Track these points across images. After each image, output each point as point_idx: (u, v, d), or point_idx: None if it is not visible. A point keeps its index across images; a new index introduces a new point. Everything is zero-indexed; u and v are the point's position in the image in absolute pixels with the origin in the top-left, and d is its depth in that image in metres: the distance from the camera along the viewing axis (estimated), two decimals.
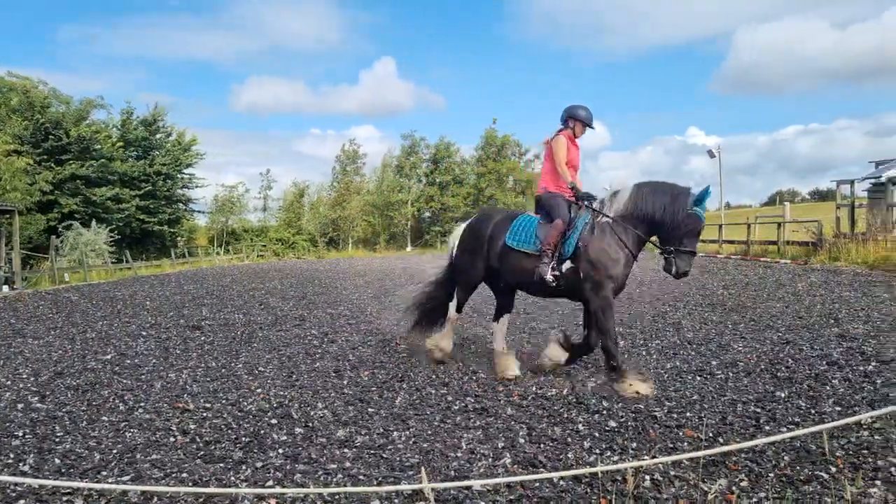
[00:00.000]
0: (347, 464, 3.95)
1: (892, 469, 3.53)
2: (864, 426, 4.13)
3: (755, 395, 5.07)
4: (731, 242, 23.51)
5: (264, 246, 45.32)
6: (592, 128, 5.94)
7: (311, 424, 4.72)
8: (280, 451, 4.20)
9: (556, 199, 5.69)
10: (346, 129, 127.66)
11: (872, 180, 17.12)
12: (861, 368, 5.68)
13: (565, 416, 4.71)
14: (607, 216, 5.41)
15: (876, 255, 14.76)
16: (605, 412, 4.75)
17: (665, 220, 5.22)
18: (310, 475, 3.79)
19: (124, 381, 6.21)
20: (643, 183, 5.42)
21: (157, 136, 41.23)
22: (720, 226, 25.27)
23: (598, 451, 4.02)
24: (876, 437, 3.98)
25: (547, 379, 5.75)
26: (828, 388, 5.16)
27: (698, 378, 5.64)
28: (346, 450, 4.19)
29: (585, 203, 5.57)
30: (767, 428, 4.29)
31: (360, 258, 38.11)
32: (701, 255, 23.14)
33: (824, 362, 5.97)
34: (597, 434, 4.31)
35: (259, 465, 3.98)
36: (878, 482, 3.38)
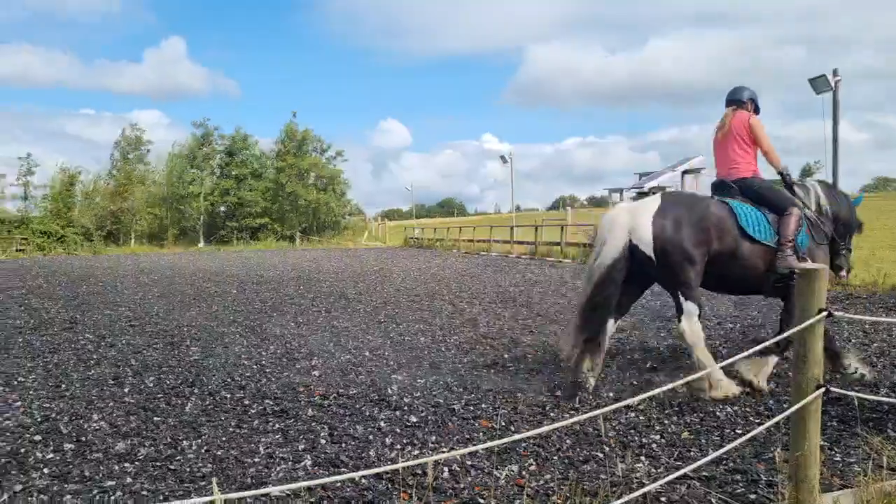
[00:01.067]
0: (128, 479, 3.53)
1: (654, 445, 4.01)
2: (632, 408, 4.65)
3: (542, 384, 5.47)
4: (521, 243, 25.38)
5: (25, 239, 39.41)
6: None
7: (83, 439, 4.16)
8: (45, 470, 3.64)
9: (777, 188, 5.21)
10: (127, 111, 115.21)
11: (637, 189, 19.60)
12: (630, 356, 6.41)
13: (367, 413, 4.68)
14: (810, 209, 5.20)
15: None
16: (406, 408, 4.80)
17: (849, 219, 5.24)
18: (82, 495, 3.33)
19: None
20: (820, 181, 5.44)
21: None
22: (511, 227, 27.18)
23: (399, 447, 4.04)
24: (641, 418, 4.50)
25: (348, 378, 5.69)
26: (603, 375, 5.74)
27: (492, 371, 5.96)
28: (126, 464, 3.75)
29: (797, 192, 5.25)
30: (552, 415, 4.65)
31: (145, 254, 34.81)
32: (494, 254, 24.71)
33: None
34: (398, 430, 4.33)
35: (18, 488, 3.40)
36: (642, 458, 3.81)
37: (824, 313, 2.97)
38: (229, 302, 11.08)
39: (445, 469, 3.66)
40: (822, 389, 2.95)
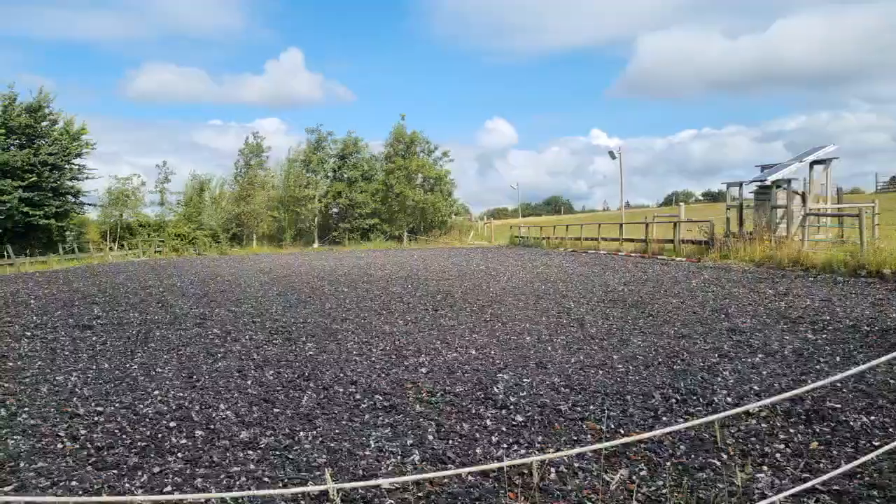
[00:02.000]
0: (251, 466, 3.80)
1: (777, 455, 3.77)
2: (752, 415, 4.40)
3: (653, 386, 5.29)
4: (631, 241, 24.60)
5: (162, 242, 43.09)
6: None
7: (212, 427, 4.50)
8: (179, 455, 3.98)
9: None
10: (249, 120, 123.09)
11: (758, 183, 18.35)
12: (749, 360, 6.06)
13: (473, 411, 4.73)
14: None
15: (762, 253, 15.90)
16: (511, 407, 4.81)
17: None
18: (211, 479, 3.61)
19: (5, 384, 5.69)
20: None
21: (43, 123, 38.27)
22: (621, 224, 26.41)
23: (505, 445, 4.05)
24: (763, 426, 4.25)
25: (454, 376, 5.77)
26: (719, 379, 5.47)
27: (601, 372, 5.83)
28: (250, 452, 4.02)
29: None
30: (665, 419, 4.48)
31: (265, 255, 37.00)
32: (603, 252, 24.12)
33: (716, 355, 6.33)
34: (504, 429, 4.35)
35: (156, 470, 3.75)
36: (764, 468, 3.59)
37: None
38: (341, 300, 11.56)
39: (552, 470, 3.63)
40: None
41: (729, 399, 4.89)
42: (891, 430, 4.08)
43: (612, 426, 4.36)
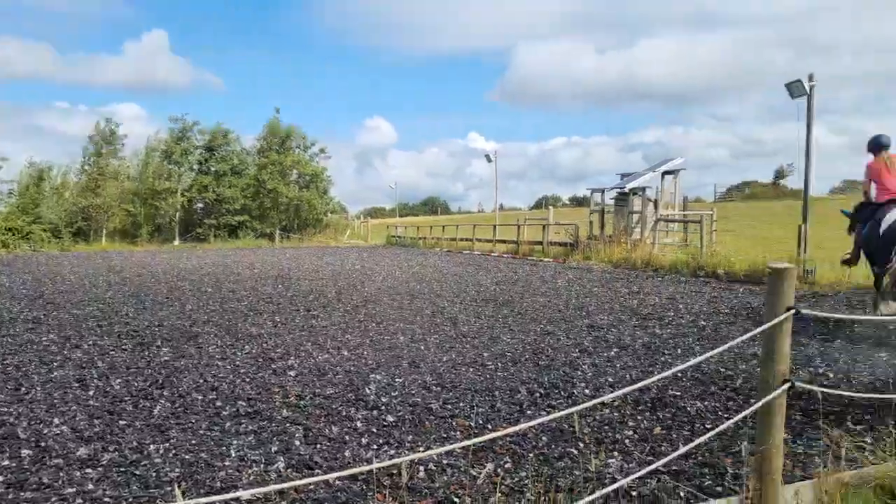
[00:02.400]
0: (90, 486, 3.51)
1: (627, 441, 4.10)
2: (607, 405, 4.74)
3: (520, 382, 5.55)
4: (504, 242, 25.48)
5: None
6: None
7: (42, 444, 4.12)
8: (0, 478, 3.60)
9: None
10: (103, 104, 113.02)
11: (618, 190, 19.73)
12: (605, 354, 6.52)
13: (343, 414, 4.71)
14: None
15: (619, 255, 17.10)
16: (383, 408, 4.84)
17: None
18: (39, 503, 3.31)
19: None
20: None
21: None
22: (494, 226, 27.29)
23: (375, 447, 4.08)
24: (615, 414, 4.59)
25: (325, 378, 5.71)
26: (579, 372, 5.83)
27: (471, 369, 6.02)
28: (88, 470, 3.73)
29: None
30: (529, 412, 4.72)
31: (116, 252, 34.40)
32: (477, 252, 24.81)
33: (577, 350, 6.74)
34: (374, 430, 4.37)
35: None
36: (615, 453, 3.89)
37: (792, 311, 3.05)
38: (203, 301, 11.02)
39: (421, 468, 3.71)
40: (788, 385, 3.04)
41: (587, 391, 5.24)
42: (720, 413, 4.57)
43: (481, 422, 4.52)
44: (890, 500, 3.18)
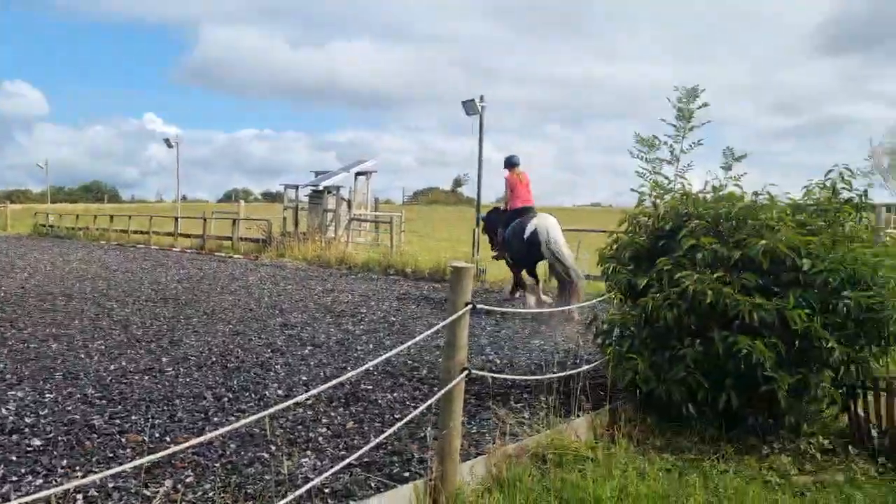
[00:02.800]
0: None
1: (320, 438, 4.10)
2: (300, 405, 4.69)
3: (205, 387, 5.18)
4: (188, 236, 23.74)
5: None
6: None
7: None
8: None
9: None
10: None
11: (313, 187, 19.89)
12: (299, 353, 6.47)
13: None
14: None
15: (313, 252, 17.22)
16: (27, 430, 4.09)
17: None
18: None
19: None
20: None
21: None
22: (176, 218, 25.24)
23: (14, 478, 3.40)
24: (308, 413, 4.57)
25: None
26: (271, 373, 5.68)
27: (147, 377, 5.44)
28: None
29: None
30: (216, 419, 4.43)
31: None
32: (155, 247, 22.70)
33: (269, 350, 6.57)
34: (13, 458, 3.65)
35: None
36: (309, 452, 3.87)
37: (469, 306, 3.38)
38: None
39: (80, 497, 3.20)
40: (466, 372, 3.37)
41: (280, 392, 5.13)
42: (408, 402, 4.88)
43: (157, 435, 4.09)
44: (541, 464, 3.74)
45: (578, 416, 4.29)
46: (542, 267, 9.59)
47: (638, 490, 3.40)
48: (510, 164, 10.07)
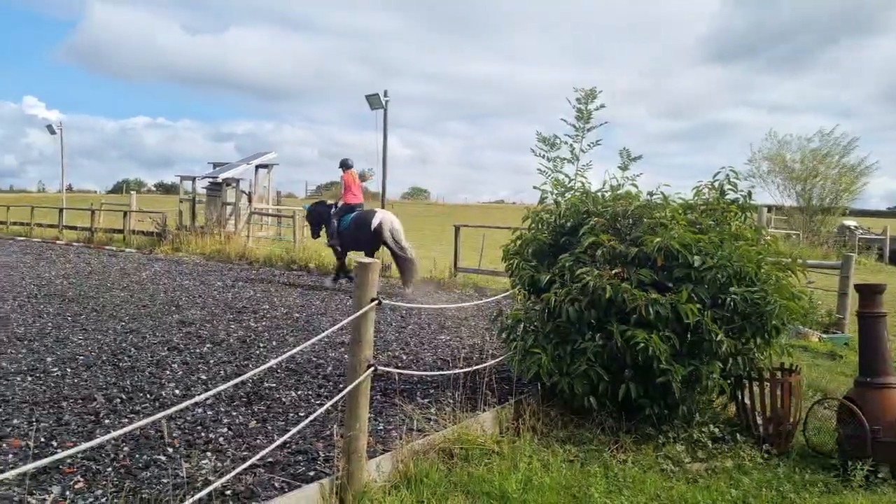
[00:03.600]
0: None
1: (221, 439, 3.99)
2: (199, 405, 4.54)
3: (96, 388, 4.92)
4: (74, 228, 22.31)
5: None
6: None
7: None
8: None
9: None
10: None
11: (211, 179, 19.14)
12: (198, 350, 6.24)
13: None
14: None
15: (212, 247, 16.60)
16: None
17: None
18: None
19: None
20: None
21: None
22: (61, 209, 23.63)
23: None
24: (209, 413, 4.43)
25: None
26: (168, 372, 5.46)
27: (30, 378, 5.09)
28: None
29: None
30: (108, 422, 4.22)
31: None
32: (37, 240, 21.17)
33: (166, 348, 6.30)
34: None
35: None
36: (209, 454, 3.75)
37: (375, 301, 3.40)
38: None
39: None
40: (372, 368, 3.38)
41: (178, 391, 4.94)
42: (312, 400, 4.83)
43: (43, 440, 3.85)
44: (448, 459, 3.81)
45: (484, 410, 4.39)
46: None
47: (542, 481, 3.54)
48: (345, 165, 11.94)
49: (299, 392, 5.03)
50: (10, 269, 12.64)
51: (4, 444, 3.75)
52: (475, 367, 4.86)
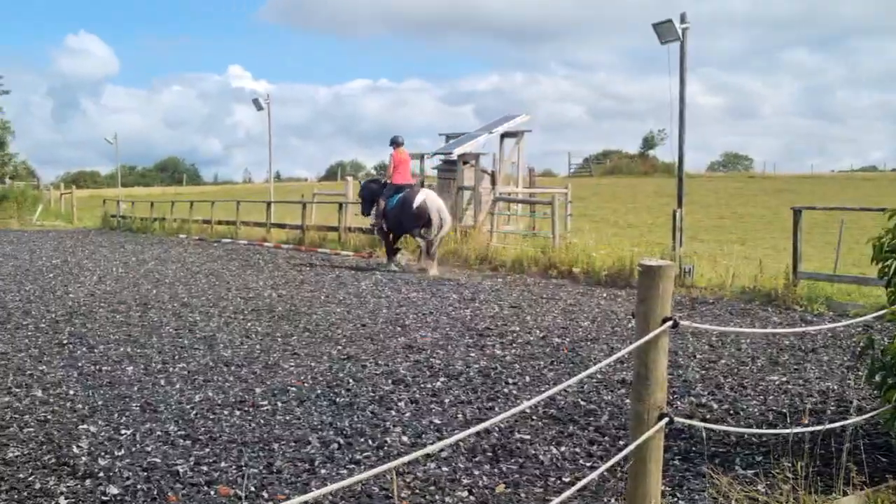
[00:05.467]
0: None
1: None
2: (432, 457, 4.84)
3: (309, 428, 5.49)
4: (283, 227, 25.01)
5: None
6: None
7: None
8: None
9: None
10: None
11: (443, 157, 20.08)
12: (429, 385, 6.67)
13: (38, 487, 4.37)
14: None
15: (445, 246, 17.55)
16: (101, 475, 4.55)
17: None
18: None
19: None
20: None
21: None
22: (269, 204, 26.67)
23: None
24: (443, 469, 4.71)
25: (5, 433, 5.25)
26: (392, 412, 5.91)
27: (237, 413, 5.85)
28: None
29: None
30: (324, 472, 4.69)
31: None
32: (243, 242, 24.23)
33: (390, 381, 6.83)
34: None
35: None
36: None
37: (669, 323, 3.29)
38: None
39: None
40: (665, 420, 3.30)
41: (405, 438, 5.32)
42: (580, 461, 4.87)
43: (253, 489, 4.40)
44: None
45: (846, 493, 4.07)
46: None
47: None
48: (395, 143, 15.79)
49: (562, 448, 5.12)
50: (215, 277, 14.68)
51: (213, 492, 4.36)
52: (830, 426, 4.52)
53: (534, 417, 5.73)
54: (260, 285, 13.44)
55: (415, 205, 14.70)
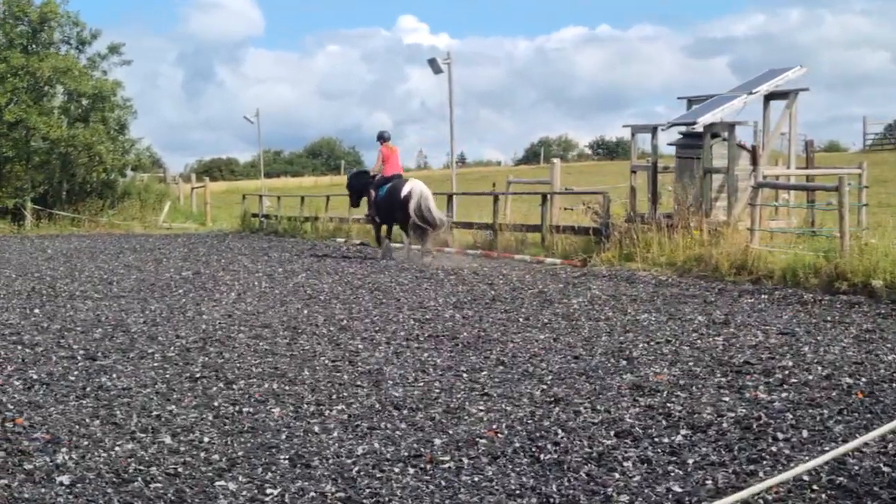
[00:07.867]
0: None
1: None
2: None
3: (505, 494, 5.52)
4: (469, 225, 25.27)
5: None
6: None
7: None
8: None
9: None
10: None
11: (683, 128, 19.57)
12: (666, 440, 6.56)
13: None
14: None
15: (687, 252, 17.14)
16: None
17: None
18: None
19: None
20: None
21: None
22: (450, 196, 27.06)
23: None
24: None
25: (127, 489, 5.62)
26: (616, 474, 5.85)
27: (411, 470, 5.96)
28: None
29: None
30: None
31: None
32: (416, 248, 24.73)
33: (612, 432, 6.77)
34: None
35: None
36: None
37: None
38: None
39: None
40: None
41: None
42: None
43: None
44: None
45: None
46: None
47: None
48: (382, 138, 22.60)
49: None
50: (381, 293, 15.08)
51: None
52: None
53: (815, 487, 5.52)
54: (439, 303, 13.66)
55: (402, 194, 21.11)
